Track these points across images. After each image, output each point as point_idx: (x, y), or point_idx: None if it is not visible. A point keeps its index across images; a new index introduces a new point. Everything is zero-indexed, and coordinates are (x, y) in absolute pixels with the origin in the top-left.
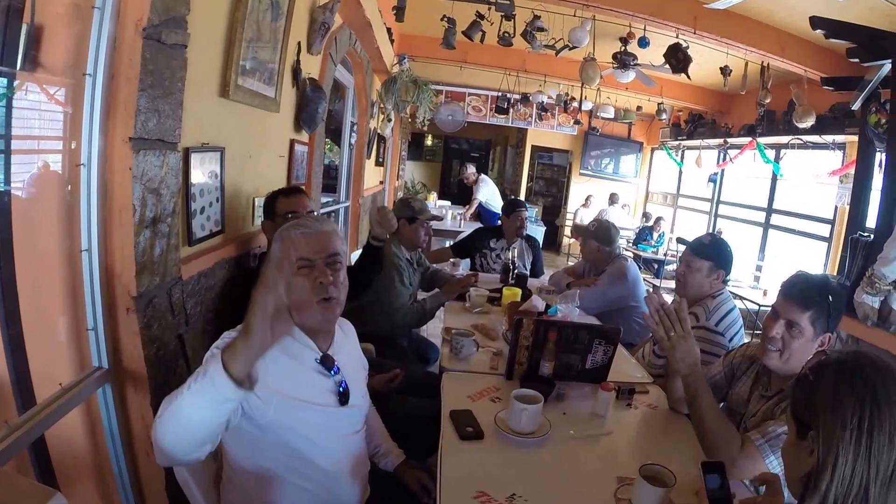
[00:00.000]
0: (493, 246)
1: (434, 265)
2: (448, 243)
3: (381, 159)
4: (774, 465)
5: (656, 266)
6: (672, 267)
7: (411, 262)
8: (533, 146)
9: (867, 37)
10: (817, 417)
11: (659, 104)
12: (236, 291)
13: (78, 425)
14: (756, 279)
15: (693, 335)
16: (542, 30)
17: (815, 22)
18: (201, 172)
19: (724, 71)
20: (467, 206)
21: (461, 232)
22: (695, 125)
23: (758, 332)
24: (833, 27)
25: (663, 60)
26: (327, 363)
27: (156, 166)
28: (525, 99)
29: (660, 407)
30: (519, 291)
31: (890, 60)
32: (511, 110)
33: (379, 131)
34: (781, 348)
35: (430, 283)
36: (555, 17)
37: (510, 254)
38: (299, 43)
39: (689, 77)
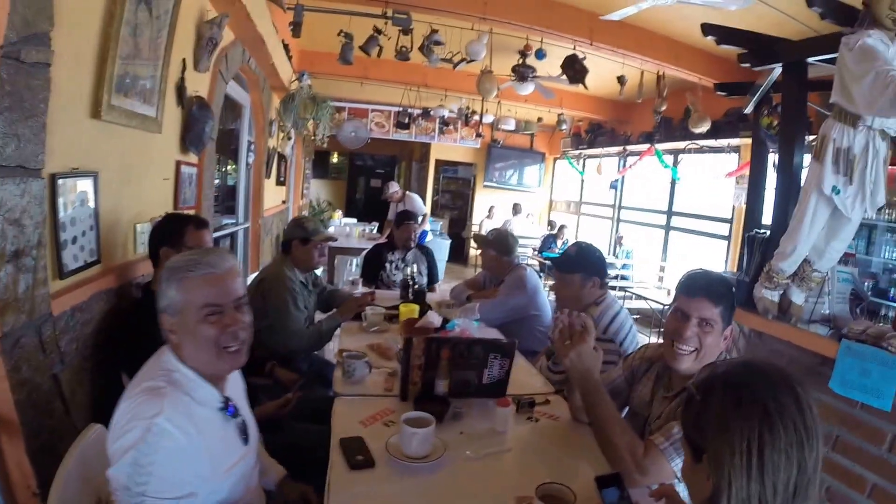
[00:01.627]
0: (391, 258)
1: (330, 285)
2: (354, 261)
3: (282, 178)
4: (681, 467)
5: None
6: None
7: (306, 285)
8: (437, 160)
9: (757, 42)
10: (707, 442)
11: (559, 115)
12: (118, 324)
13: None
14: (660, 279)
15: (591, 344)
16: (438, 44)
17: (706, 29)
18: (71, 199)
19: (621, 80)
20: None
21: (364, 249)
22: (595, 134)
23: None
24: (724, 34)
25: (560, 72)
26: (227, 406)
27: (16, 195)
28: (426, 113)
29: (562, 417)
30: (416, 308)
31: (780, 64)
32: (413, 125)
33: (279, 150)
34: (698, 347)
35: (327, 304)
36: (452, 30)
37: (409, 269)
38: (184, 60)
39: (586, 87)
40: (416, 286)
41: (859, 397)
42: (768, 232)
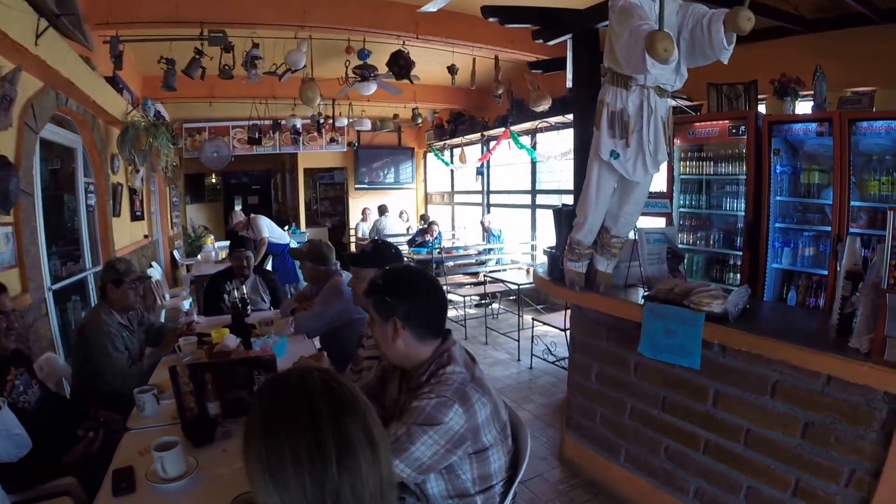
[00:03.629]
0: (228, 288)
1: (158, 320)
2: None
3: (138, 213)
4: (401, 469)
5: (435, 266)
6: (451, 264)
7: (126, 325)
8: (305, 169)
9: (543, 16)
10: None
11: (413, 109)
12: None
13: None
14: (532, 258)
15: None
16: (258, 58)
17: (487, 11)
18: None
19: (452, 70)
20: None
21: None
22: (456, 124)
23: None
24: (505, 13)
25: (387, 69)
26: None
27: None
28: (277, 125)
29: None
30: (226, 332)
31: (570, 35)
32: (265, 138)
33: (130, 185)
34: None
35: (157, 339)
36: (276, 41)
37: (235, 293)
38: None
39: (411, 81)
40: (239, 309)
41: (669, 359)
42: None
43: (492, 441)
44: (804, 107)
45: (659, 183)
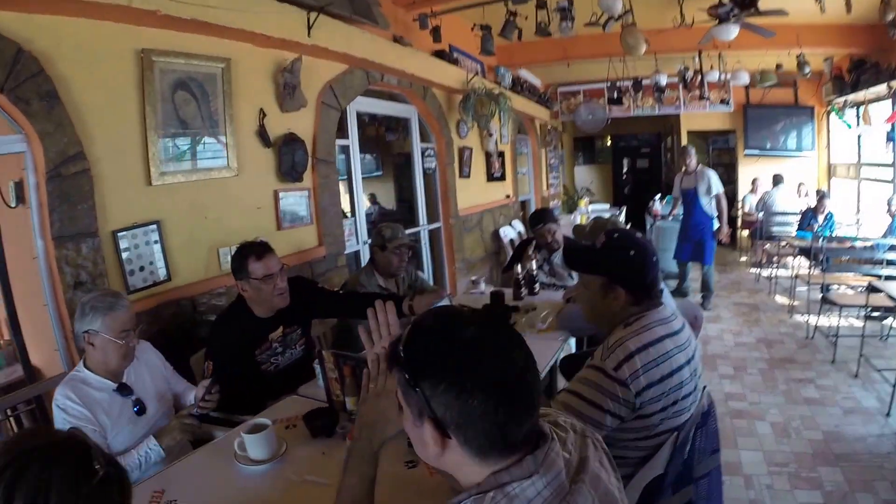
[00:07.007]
0: (530, 255)
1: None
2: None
3: (495, 174)
4: None
5: (814, 257)
6: (846, 258)
7: (386, 288)
8: (689, 132)
9: None
10: None
11: (798, 56)
12: (187, 324)
13: None
14: None
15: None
16: (565, 10)
17: None
18: (134, 243)
19: None
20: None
21: None
22: (858, 73)
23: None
24: None
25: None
26: (124, 390)
27: (72, 251)
28: (637, 84)
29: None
30: None
31: None
32: (624, 97)
33: (484, 148)
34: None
35: None
36: None
37: (518, 267)
38: (262, 109)
39: (759, 11)
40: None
41: None
42: None
43: None
44: None
45: None
